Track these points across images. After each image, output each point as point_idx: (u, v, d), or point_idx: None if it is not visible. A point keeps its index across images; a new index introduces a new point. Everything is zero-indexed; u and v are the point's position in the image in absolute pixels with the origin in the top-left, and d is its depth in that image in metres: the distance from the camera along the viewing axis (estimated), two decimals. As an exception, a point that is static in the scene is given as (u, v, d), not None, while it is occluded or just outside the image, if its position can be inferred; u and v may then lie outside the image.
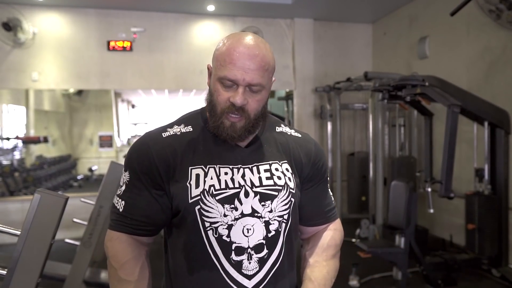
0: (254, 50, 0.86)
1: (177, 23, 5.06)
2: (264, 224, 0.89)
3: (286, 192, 0.92)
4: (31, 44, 4.63)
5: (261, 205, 0.89)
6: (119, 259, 0.91)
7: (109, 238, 0.93)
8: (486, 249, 3.16)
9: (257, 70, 0.85)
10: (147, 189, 0.90)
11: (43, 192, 1.04)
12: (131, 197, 0.91)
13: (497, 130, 3.20)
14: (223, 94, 0.87)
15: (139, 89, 6.63)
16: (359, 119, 5.67)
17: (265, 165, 0.93)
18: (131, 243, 0.92)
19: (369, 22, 5.63)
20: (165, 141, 0.92)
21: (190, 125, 0.96)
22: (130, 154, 0.93)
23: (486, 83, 3.69)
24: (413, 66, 4.68)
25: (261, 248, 0.88)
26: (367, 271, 3.37)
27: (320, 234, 1.02)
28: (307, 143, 1.01)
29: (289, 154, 0.98)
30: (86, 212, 2.80)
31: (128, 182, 0.92)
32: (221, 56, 0.87)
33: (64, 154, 7.89)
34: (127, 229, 0.91)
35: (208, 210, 0.87)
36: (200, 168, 0.90)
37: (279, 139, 0.99)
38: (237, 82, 0.86)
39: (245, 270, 0.87)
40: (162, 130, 0.95)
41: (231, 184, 0.89)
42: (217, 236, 0.86)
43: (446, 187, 2.65)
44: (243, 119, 0.88)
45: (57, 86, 4.91)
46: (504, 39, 3.51)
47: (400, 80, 3.04)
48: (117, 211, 0.92)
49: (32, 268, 1.04)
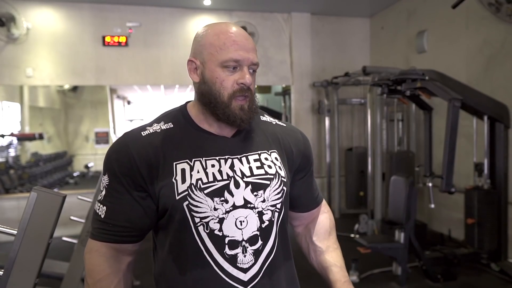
0: (244, 32, 0.89)
1: (173, 17, 5.01)
2: (258, 214, 0.86)
3: (278, 180, 0.90)
4: (25, 39, 4.56)
5: (254, 195, 0.86)
6: (94, 275, 0.87)
7: (88, 249, 0.89)
8: (485, 243, 3.17)
9: (253, 50, 0.88)
10: (128, 191, 0.85)
11: (40, 190, 1.00)
12: (112, 202, 0.86)
13: (496, 124, 3.19)
14: (228, 78, 0.86)
15: (135, 85, 6.58)
16: (357, 114, 5.65)
17: (254, 154, 0.91)
18: (110, 257, 0.87)
19: (367, 16, 5.60)
20: (145, 140, 0.87)
21: (170, 122, 0.92)
22: (108, 155, 0.88)
23: (486, 77, 3.68)
24: (411, 60, 4.66)
25: (256, 239, 0.86)
26: (367, 266, 3.36)
27: (317, 219, 1.06)
28: (294, 132, 1.01)
29: (278, 143, 0.96)
30: (83, 209, 2.77)
31: (108, 186, 0.87)
32: (217, 42, 0.85)
33: (59, 151, 7.83)
34: (109, 237, 0.86)
35: (197, 205, 0.83)
36: (185, 162, 0.86)
37: (266, 128, 0.98)
38: (242, 62, 0.85)
39: (240, 263, 0.84)
40: (141, 129, 0.90)
41: (219, 176, 0.85)
42: (208, 231, 0.83)
43: (447, 182, 2.65)
44: (248, 99, 0.88)
45: (52, 82, 4.85)
46: (503, 32, 3.49)
47: (400, 74, 3.02)
48: (98, 218, 0.87)
49: (29, 268, 1.01)
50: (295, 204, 1.01)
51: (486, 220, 3.15)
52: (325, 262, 0.99)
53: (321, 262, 1.00)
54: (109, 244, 0.87)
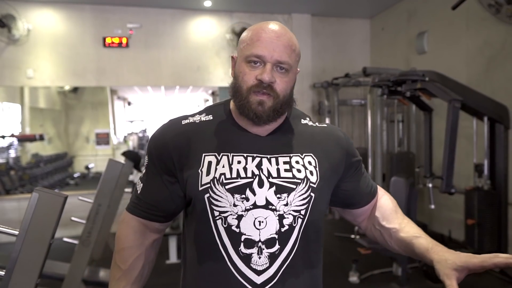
0: (282, 30, 0.87)
1: (174, 19, 5.01)
2: (278, 217, 0.84)
3: (305, 186, 0.87)
4: (25, 40, 4.57)
5: (277, 197, 0.85)
6: (120, 243, 0.95)
7: (122, 219, 0.97)
8: (485, 244, 3.16)
9: (284, 48, 0.85)
10: (159, 174, 0.91)
11: (41, 191, 1.01)
12: (147, 181, 0.94)
13: (496, 125, 3.18)
14: (249, 73, 0.86)
15: (136, 86, 6.58)
16: (357, 115, 5.65)
17: (285, 157, 0.89)
18: (137, 230, 0.94)
19: (367, 17, 5.61)
20: (182, 128, 0.92)
21: (211, 115, 0.95)
22: (150, 139, 0.95)
23: (486, 78, 3.68)
24: (411, 62, 4.67)
25: (273, 243, 0.84)
26: (367, 267, 3.36)
27: (379, 204, 1.02)
28: (335, 132, 0.98)
29: (317, 146, 0.93)
30: (84, 210, 2.77)
31: (146, 166, 0.94)
32: (248, 37, 0.87)
33: (60, 152, 7.83)
34: (139, 212, 0.94)
35: (217, 199, 0.84)
36: (213, 155, 0.88)
37: (304, 130, 0.95)
38: (264, 58, 0.84)
39: (254, 264, 0.83)
40: (183, 118, 0.95)
41: (243, 174, 0.86)
42: (226, 226, 0.84)
43: (447, 183, 2.64)
44: (272, 98, 0.86)
45: (53, 83, 4.86)
46: (503, 33, 3.49)
47: (400, 75, 3.02)
48: (136, 193, 0.96)
49: (31, 268, 1.02)
50: (351, 201, 1.00)
51: (486, 221, 3.14)
52: (403, 239, 0.92)
53: (400, 241, 0.94)
54: (138, 218, 0.94)
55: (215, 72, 5.22)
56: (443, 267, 0.79)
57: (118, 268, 0.94)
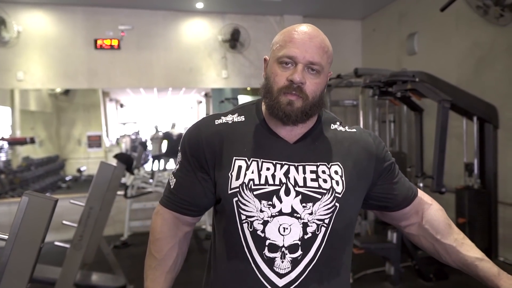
0: (314, 32, 0.89)
1: (166, 20, 5.00)
2: (302, 225, 0.86)
3: (331, 196, 0.88)
4: (15, 43, 4.53)
5: (302, 206, 0.86)
6: (155, 234, 0.98)
7: (156, 210, 1.01)
8: (476, 242, 3.11)
9: (317, 50, 0.86)
10: (193, 171, 0.94)
11: (31, 195, 1.00)
12: (181, 176, 0.96)
13: (486, 125, 3.23)
14: (281, 74, 0.87)
15: (128, 88, 6.54)
16: (349, 115, 5.68)
17: (312, 166, 0.90)
18: (171, 222, 0.98)
19: (359, 18, 5.65)
20: (216, 128, 0.94)
21: (243, 115, 0.96)
22: (184, 136, 0.98)
23: (475, 78, 3.73)
24: (402, 62, 4.71)
25: (296, 248, 0.86)
26: (360, 267, 3.38)
27: (428, 215, 1.01)
28: (364, 136, 0.97)
29: (346, 152, 0.93)
30: (76, 213, 2.75)
31: (180, 162, 0.97)
32: (280, 39, 0.89)
33: (51, 155, 7.75)
34: (172, 206, 0.97)
35: (245, 203, 0.87)
36: (243, 160, 0.90)
37: (333, 137, 0.95)
38: (296, 59, 0.86)
39: (277, 268, 0.86)
40: (216, 117, 0.96)
41: (271, 181, 0.87)
42: (252, 230, 0.86)
43: (438, 182, 2.67)
44: (301, 99, 0.86)
45: (43, 85, 4.82)
46: (492, 34, 3.54)
47: (390, 76, 3.05)
48: (169, 187, 0.99)
49: (21, 272, 1.01)
50: (387, 205, 1.00)
51: (476, 219, 3.18)
52: (466, 259, 0.95)
53: (460, 260, 0.96)
54: (172, 212, 0.98)
55: (208, 73, 5.22)
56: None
57: (153, 257, 0.97)
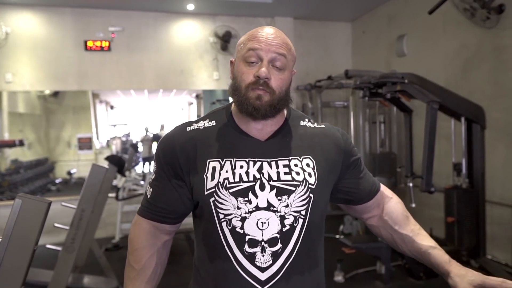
0: (276, 31, 0.94)
1: (157, 22, 4.99)
2: (280, 218, 0.89)
3: (304, 188, 0.92)
4: (4, 44, 4.48)
5: (278, 199, 0.89)
6: (133, 244, 0.99)
7: (134, 222, 1.02)
8: (465, 241, 3.25)
9: (280, 45, 0.91)
10: (168, 179, 0.96)
11: (25, 197, 1.00)
12: (157, 185, 0.98)
13: (473, 125, 3.28)
14: (247, 71, 0.91)
15: (118, 90, 6.50)
16: (340, 116, 5.73)
17: (284, 160, 0.93)
18: (149, 231, 0.99)
19: (349, 20, 5.70)
20: (188, 135, 0.97)
21: (214, 120, 0.99)
22: (158, 145, 1.00)
23: (463, 80, 3.80)
24: (392, 64, 4.77)
25: (275, 242, 0.89)
26: (352, 266, 3.41)
27: (388, 207, 1.08)
28: (332, 132, 1.03)
29: (316, 147, 0.98)
30: (66, 216, 2.73)
31: (155, 172, 0.99)
32: (245, 39, 0.94)
33: (41, 157, 7.65)
34: (150, 215, 0.98)
35: (221, 202, 0.89)
36: (217, 161, 0.92)
37: (303, 133, 0.99)
38: (260, 54, 0.90)
39: (258, 262, 0.88)
40: (188, 124, 1.00)
41: (245, 178, 0.90)
42: (230, 227, 0.89)
43: (427, 182, 2.71)
44: (268, 94, 0.90)
45: (32, 87, 4.76)
46: (479, 36, 3.61)
47: (380, 77, 3.08)
48: (146, 197, 1.00)
49: (14, 276, 1.01)
50: (352, 198, 1.06)
51: (465, 218, 3.23)
52: (420, 247, 1.01)
53: (415, 249, 1.02)
54: (149, 221, 0.99)
55: (199, 75, 5.21)
56: (462, 281, 0.91)
57: (132, 268, 0.98)
